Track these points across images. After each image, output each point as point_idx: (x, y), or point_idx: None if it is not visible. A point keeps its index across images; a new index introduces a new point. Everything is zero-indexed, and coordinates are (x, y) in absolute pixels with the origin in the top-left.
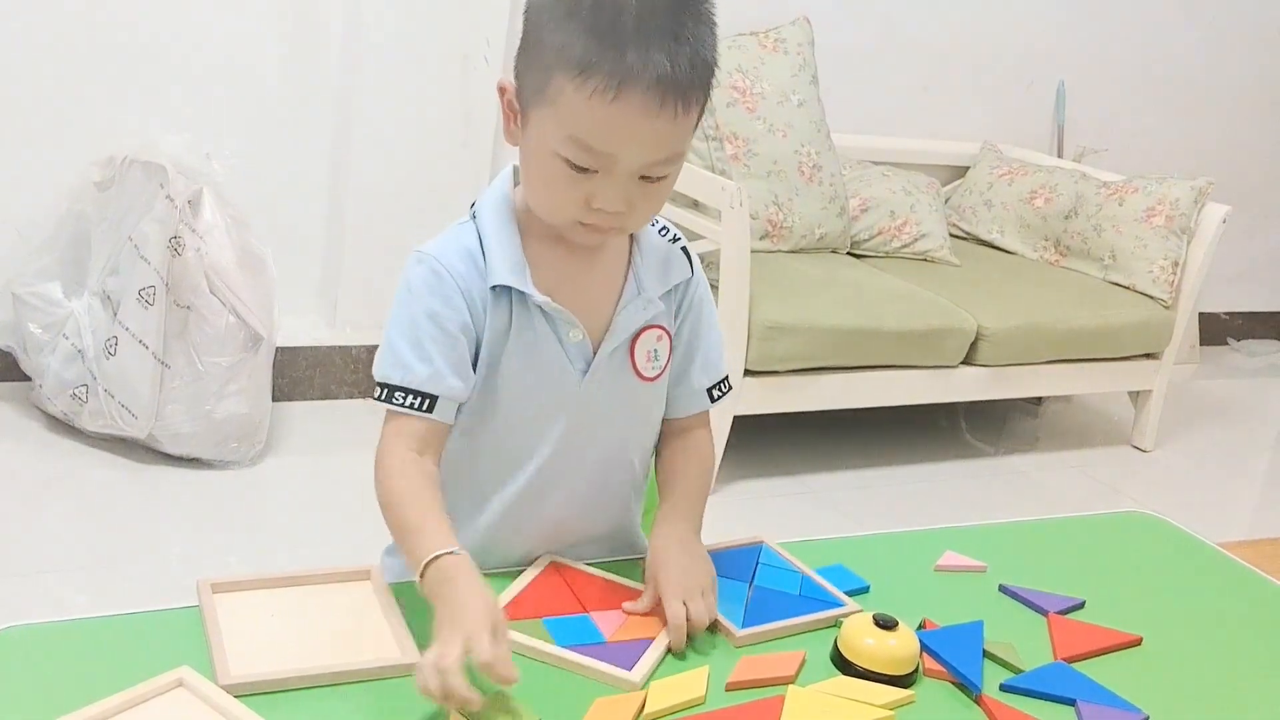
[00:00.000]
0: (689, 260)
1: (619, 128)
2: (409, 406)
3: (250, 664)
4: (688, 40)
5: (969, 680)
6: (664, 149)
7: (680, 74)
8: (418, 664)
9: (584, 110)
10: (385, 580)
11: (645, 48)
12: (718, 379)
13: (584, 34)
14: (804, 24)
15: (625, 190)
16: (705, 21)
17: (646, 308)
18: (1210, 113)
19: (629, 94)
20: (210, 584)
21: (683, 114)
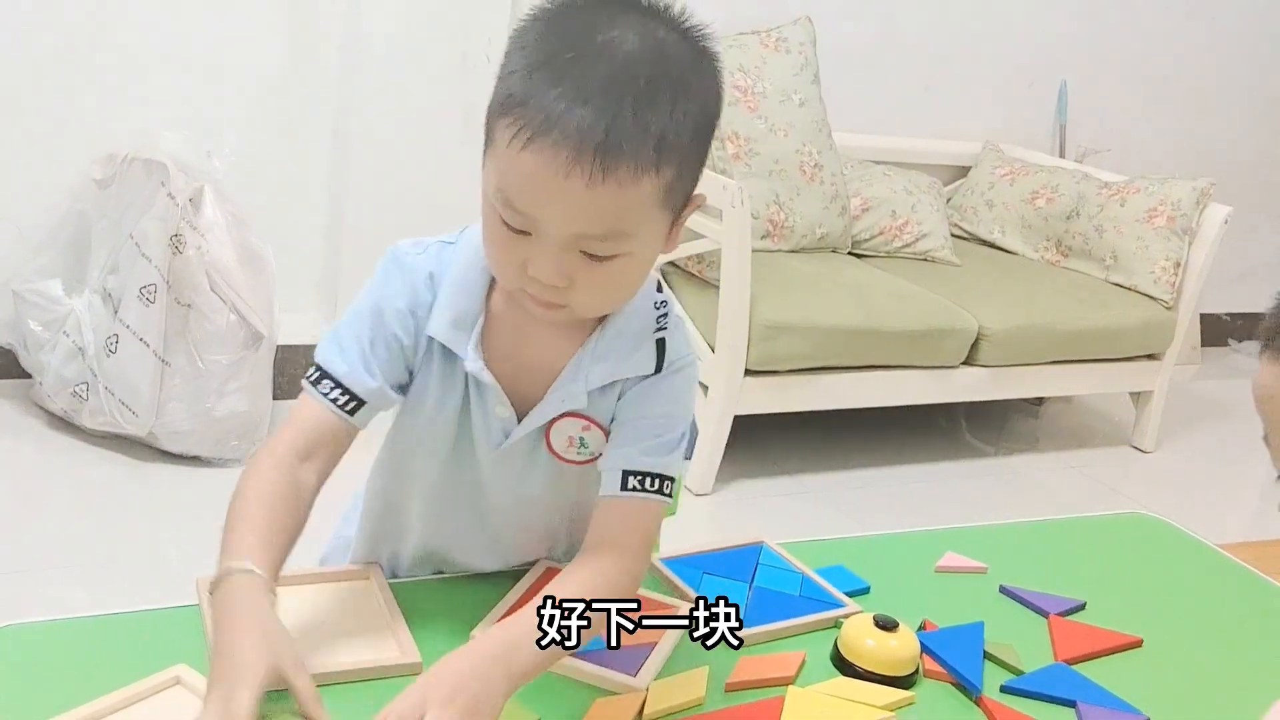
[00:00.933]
0: (658, 356)
1: (530, 182)
2: (331, 400)
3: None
4: (636, 101)
5: (969, 681)
6: (593, 221)
7: (610, 137)
8: None
9: (504, 156)
10: (377, 577)
11: (581, 99)
12: (646, 469)
13: (527, 73)
14: (806, 23)
15: (559, 261)
16: (684, 89)
17: (567, 400)
18: (1212, 113)
19: (540, 144)
20: (209, 582)
21: (604, 183)
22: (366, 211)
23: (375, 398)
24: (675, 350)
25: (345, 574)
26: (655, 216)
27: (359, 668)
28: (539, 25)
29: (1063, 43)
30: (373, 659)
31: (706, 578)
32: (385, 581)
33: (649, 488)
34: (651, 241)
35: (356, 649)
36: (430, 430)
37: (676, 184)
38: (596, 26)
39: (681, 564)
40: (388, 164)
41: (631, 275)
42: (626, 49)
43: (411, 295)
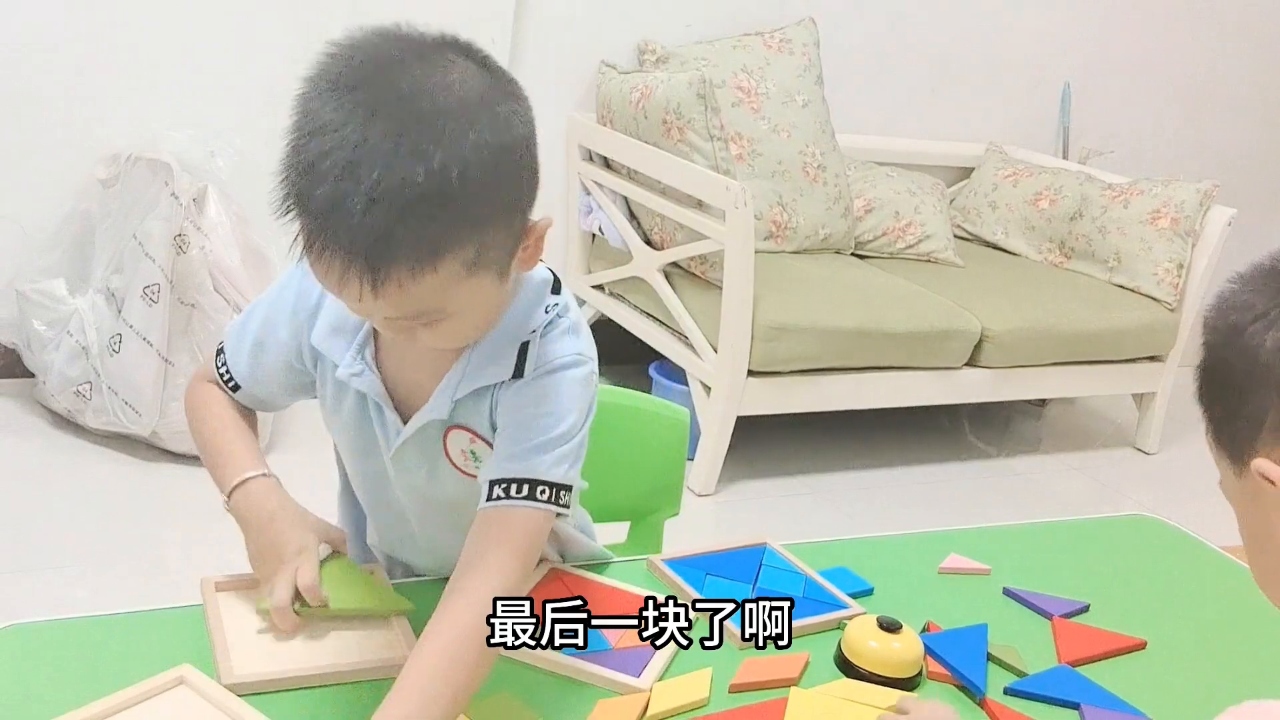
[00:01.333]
0: (518, 362)
1: (324, 282)
2: (221, 376)
3: (253, 663)
4: (415, 213)
5: (972, 683)
6: (394, 310)
7: (375, 252)
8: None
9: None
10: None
11: (343, 212)
12: (511, 475)
13: (290, 166)
14: (810, 25)
15: (391, 328)
16: (459, 163)
17: (435, 409)
18: (1216, 115)
19: (315, 258)
20: (213, 582)
21: (380, 293)
22: None
23: (248, 382)
24: (546, 354)
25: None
26: (466, 283)
27: (362, 666)
28: (309, 99)
29: (1066, 44)
30: (376, 658)
31: (709, 579)
32: (387, 579)
33: (516, 494)
34: (479, 296)
35: (359, 648)
36: (339, 430)
37: (479, 253)
38: (357, 98)
39: (684, 565)
40: None
41: (473, 321)
42: (384, 123)
43: (300, 298)
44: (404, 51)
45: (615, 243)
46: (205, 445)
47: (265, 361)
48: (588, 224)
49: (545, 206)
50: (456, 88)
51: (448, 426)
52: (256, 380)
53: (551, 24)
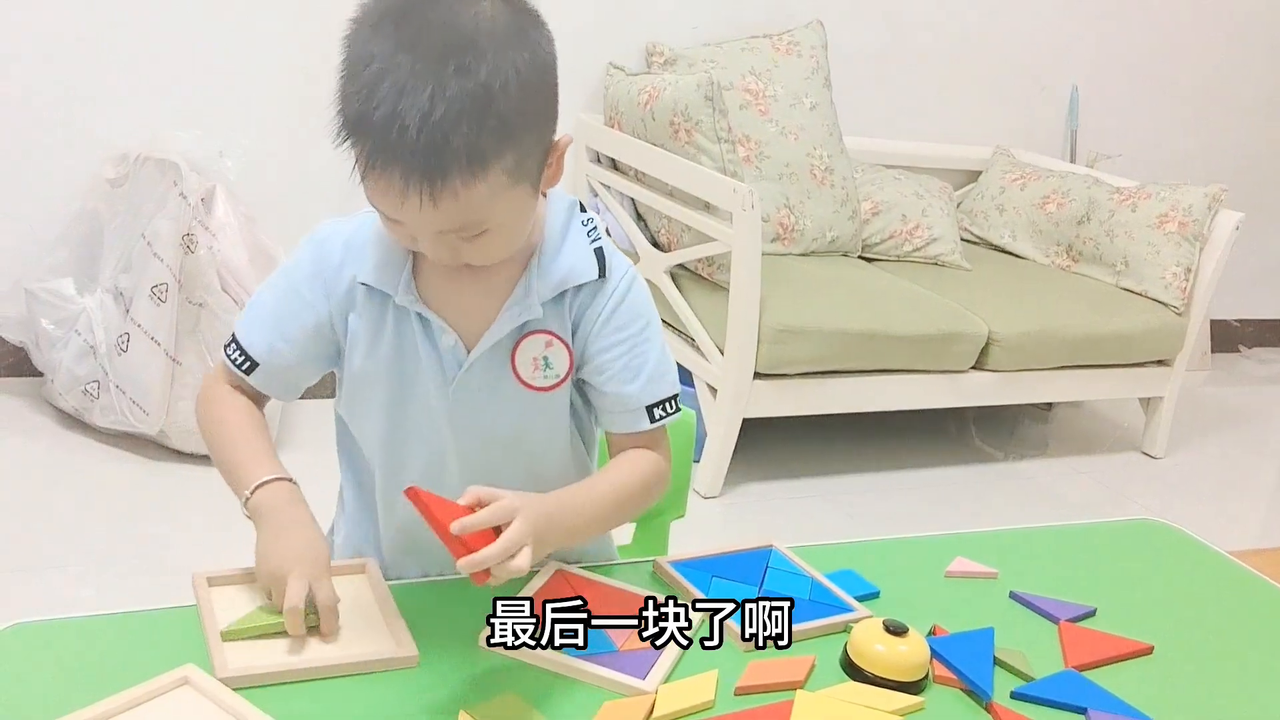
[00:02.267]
0: (600, 263)
1: (383, 200)
2: (233, 362)
3: (247, 658)
4: (448, 122)
5: (979, 688)
6: (444, 222)
7: (431, 164)
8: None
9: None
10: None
11: (391, 129)
12: (661, 397)
13: (347, 96)
14: (817, 27)
15: (436, 246)
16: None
17: (523, 313)
18: (1224, 119)
19: (376, 177)
20: (205, 577)
21: (439, 201)
22: None
23: (269, 358)
24: (615, 259)
25: (341, 568)
26: (509, 193)
27: (357, 660)
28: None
29: (1074, 48)
30: (370, 652)
31: (715, 581)
32: (380, 575)
33: (671, 411)
34: (515, 207)
35: (353, 642)
36: (377, 379)
37: (517, 165)
38: (375, 44)
39: (690, 566)
40: None
41: (509, 236)
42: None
43: (319, 262)
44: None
45: (622, 244)
46: (220, 445)
47: (289, 331)
48: None
49: None
50: (488, 16)
51: (524, 334)
52: (276, 353)
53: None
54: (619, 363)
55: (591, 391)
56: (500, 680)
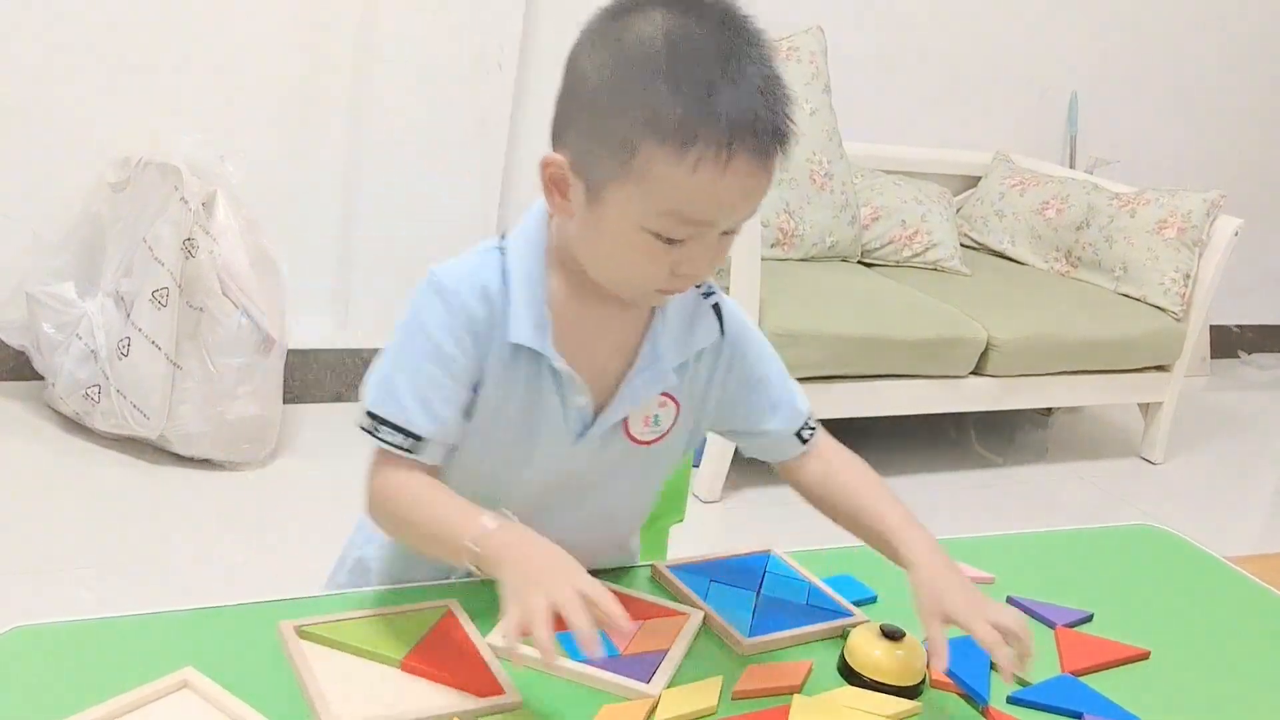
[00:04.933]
0: (719, 319)
1: (728, 195)
2: (395, 446)
3: (354, 708)
4: (774, 81)
5: (975, 692)
6: (759, 201)
7: (781, 124)
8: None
9: (687, 183)
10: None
11: (743, 105)
12: (799, 423)
13: (673, 99)
14: (817, 33)
15: (712, 251)
16: (769, 45)
17: (658, 381)
18: (1223, 125)
19: (739, 159)
20: (293, 627)
21: (785, 159)
22: (379, 216)
23: (438, 433)
24: (730, 311)
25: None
26: None
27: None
28: (638, 55)
29: (1073, 53)
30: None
31: (714, 586)
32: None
33: (814, 425)
34: None
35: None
36: (501, 436)
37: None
38: (684, 34)
39: (689, 571)
40: (400, 169)
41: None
42: (728, 33)
43: (466, 317)
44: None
45: None
46: (421, 516)
47: (449, 395)
48: None
49: None
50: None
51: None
52: (442, 423)
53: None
54: (755, 405)
55: (739, 438)
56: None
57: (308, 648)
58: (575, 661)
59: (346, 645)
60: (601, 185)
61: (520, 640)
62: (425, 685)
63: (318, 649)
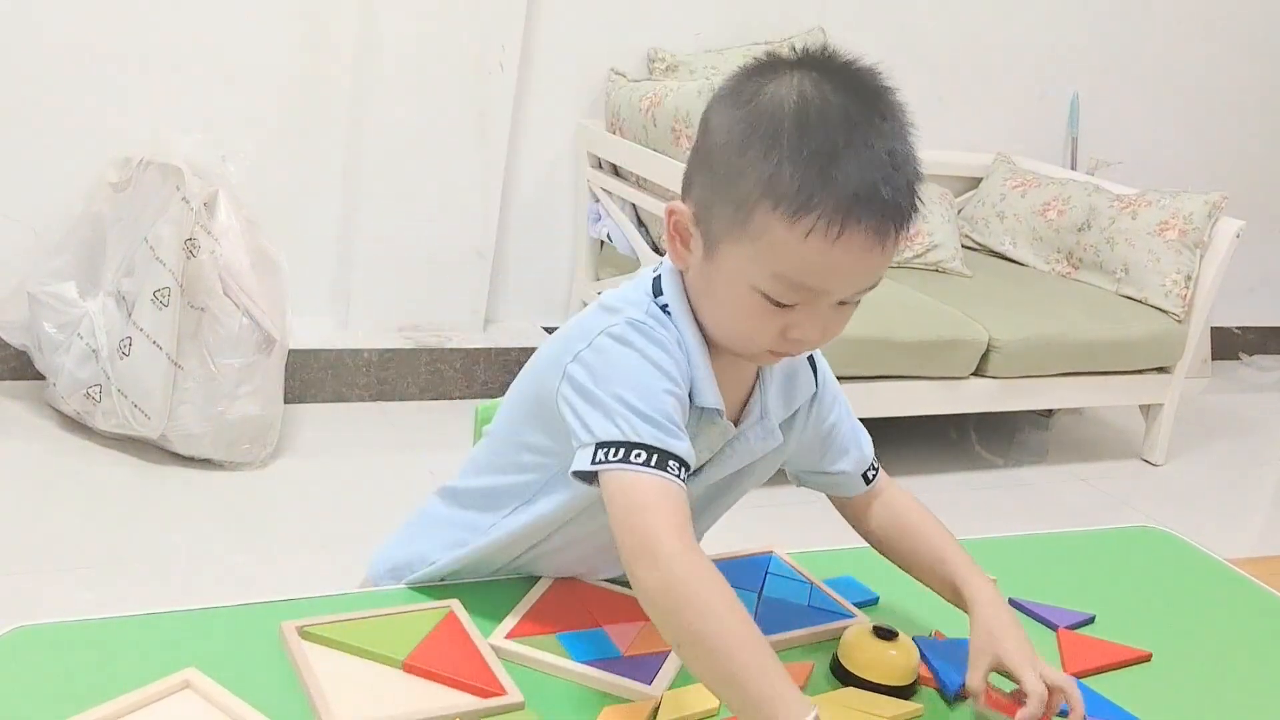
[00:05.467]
0: (814, 371)
1: (838, 267)
2: (675, 473)
3: (355, 708)
4: (901, 158)
5: (945, 685)
6: (874, 277)
7: (902, 200)
8: None
9: (797, 250)
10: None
11: (863, 179)
12: (866, 465)
13: (793, 165)
14: (819, 34)
15: (823, 320)
16: (904, 120)
17: (766, 438)
18: (1224, 127)
19: (852, 233)
20: (295, 628)
21: (904, 239)
22: (379, 217)
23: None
24: (820, 361)
25: (420, 609)
26: None
27: (469, 710)
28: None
29: (1075, 55)
30: (485, 702)
31: None
32: (467, 615)
33: (878, 466)
34: None
35: (463, 692)
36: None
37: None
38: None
39: None
40: (401, 169)
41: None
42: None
43: (674, 360)
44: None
45: (623, 250)
46: (724, 647)
47: (680, 419)
48: (596, 231)
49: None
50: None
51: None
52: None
53: (561, 31)
54: (830, 449)
55: (807, 477)
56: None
57: (309, 648)
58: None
59: (348, 646)
60: (718, 240)
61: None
62: (427, 686)
63: (319, 649)
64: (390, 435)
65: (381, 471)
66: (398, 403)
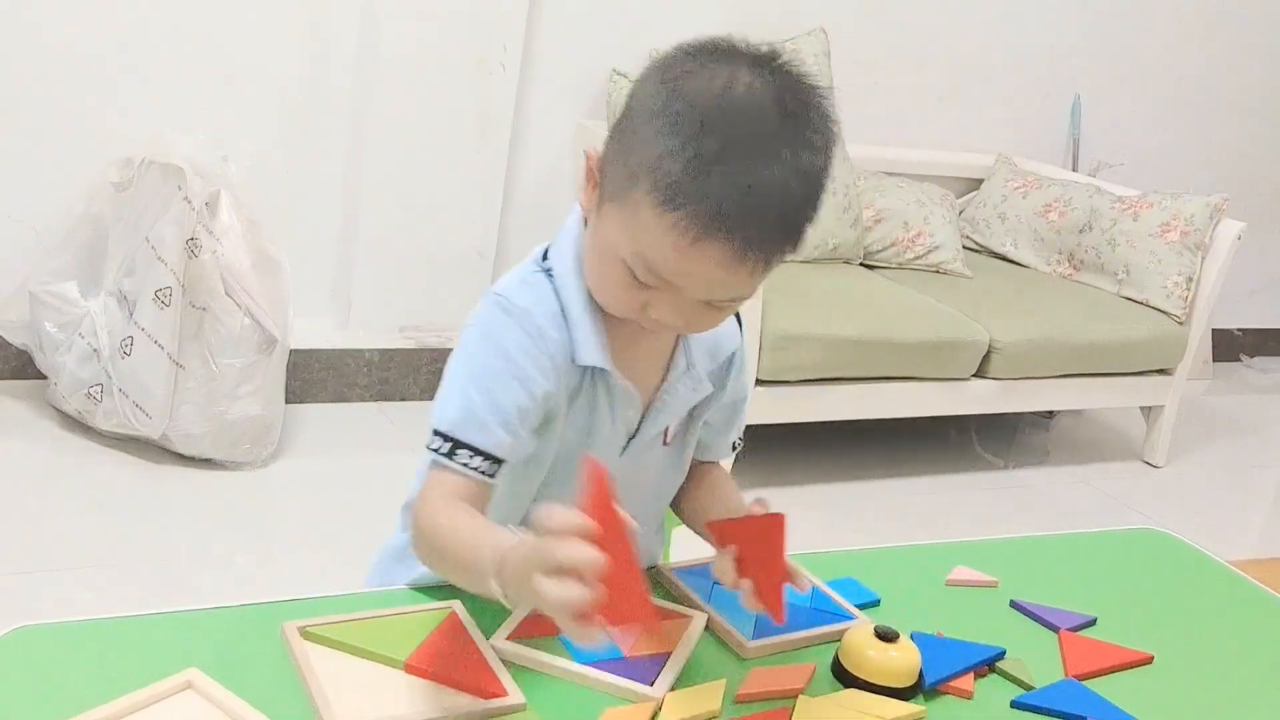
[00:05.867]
0: (740, 325)
1: (692, 271)
2: (473, 469)
3: (358, 711)
4: (795, 193)
5: (926, 680)
6: (738, 291)
7: (769, 233)
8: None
9: (658, 239)
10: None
11: (737, 199)
12: (741, 432)
13: (681, 158)
14: (820, 35)
15: (685, 311)
16: (825, 152)
17: (697, 388)
18: (1226, 129)
19: (709, 244)
20: (297, 628)
21: (762, 271)
22: (381, 217)
23: (517, 455)
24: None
25: (422, 610)
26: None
27: (472, 710)
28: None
29: (1076, 56)
30: (483, 705)
31: (717, 588)
32: (469, 617)
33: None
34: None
35: (449, 693)
36: (557, 454)
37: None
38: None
39: (692, 574)
40: (403, 170)
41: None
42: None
43: (536, 339)
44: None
45: None
46: (452, 553)
47: (527, 417)
48: None
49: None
50: (804, 75)
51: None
52: (520, 443)
53: (563, 31)
54: (737, 411)
55: (705, 431)
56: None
57: (311, 649)
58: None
59: (350, 646)
60: (606, 199)
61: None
62: (428, 686)
63: (321, 650)
64: (391, 435)
65: (382, 471)
66: (399, 403)
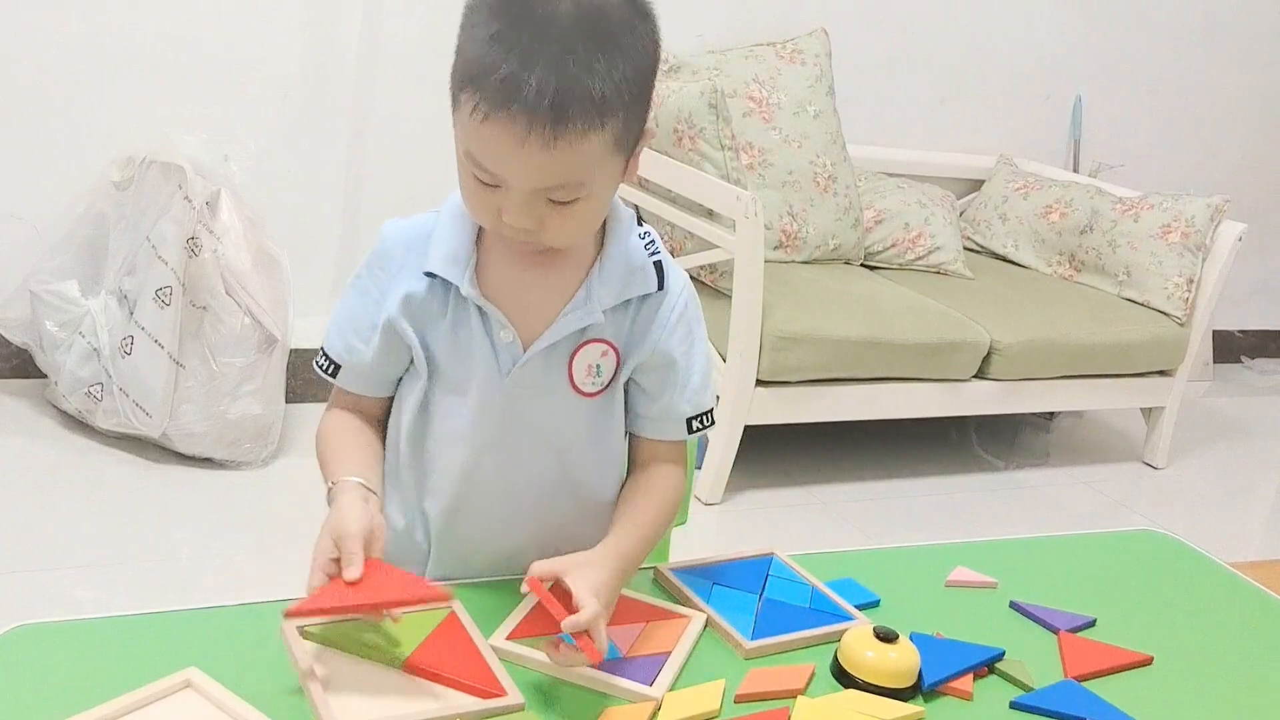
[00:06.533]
0: (659, 276)
1: (492, 150)
2: (321, 369)
3: (357, 710)
4: (576, 69)
5: (925, 681)
6: (551, 177)
7: (558, 105)
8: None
9: (467, 126)
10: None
11: (521, 72)
12: (701, 410)
13: (480, 47)
14: (821, 35)
15: (530, 209)
16: (620, 49)
17: (585, 317)
18: (1227, 130)
19: (495, 119)
20: (295, 626)
21: (554, 145)
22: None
23: (350, 359)
24: (674, 273)
25: (421, 610)
26: (608, 161)
27: (472, 711)
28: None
29: (1077, 57)
30: (484, 703)
31: (716, 588)
32: (469, 616)
33: (705, 424)
34: (608, 181)
35: (467, 693)
36: (442, 369)
37: (624, 131)
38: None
39: (691, 574)
40: (403, 169)
41: (594, 211)
42: (564, 15)
43: (381, 258)
44: None
45: None
46: (320, 455)
47: (361, 330)
48: None
49: None
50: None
51: (583, 340)
52: (354, 352)
53: None
54: (672, 373)
55: (640, 397)
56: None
57: (310, 648)
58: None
59: (349, 646)
60: (452, 107)
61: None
62: (427, 686)
63: (320, 649)
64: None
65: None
66: None
